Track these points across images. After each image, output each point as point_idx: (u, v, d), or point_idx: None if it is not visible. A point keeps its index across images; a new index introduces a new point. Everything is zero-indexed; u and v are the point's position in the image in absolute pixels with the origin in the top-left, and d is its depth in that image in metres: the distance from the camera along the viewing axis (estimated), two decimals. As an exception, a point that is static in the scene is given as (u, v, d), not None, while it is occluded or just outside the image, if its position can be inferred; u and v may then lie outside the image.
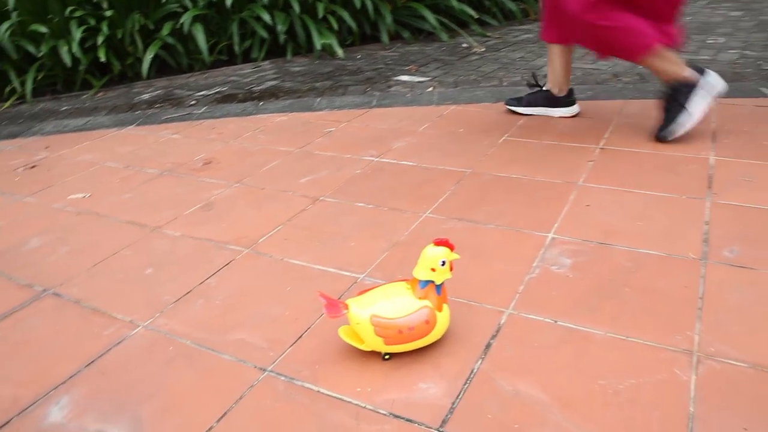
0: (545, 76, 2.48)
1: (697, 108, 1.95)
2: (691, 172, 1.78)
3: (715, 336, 1.11)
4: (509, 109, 2.48)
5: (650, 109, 2.35)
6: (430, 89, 2.99)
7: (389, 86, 3.14)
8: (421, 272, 1.10)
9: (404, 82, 3.21)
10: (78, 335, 1.28)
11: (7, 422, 1.06)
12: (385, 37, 4.22)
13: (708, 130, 2.08)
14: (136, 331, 1.28)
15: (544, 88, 2.42)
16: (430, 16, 4.19)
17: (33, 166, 2.40)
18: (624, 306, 1.21)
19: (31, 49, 3.58)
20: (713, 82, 1.95)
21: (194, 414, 1.03)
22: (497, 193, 1.76)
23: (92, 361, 1.19)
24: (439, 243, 1.10)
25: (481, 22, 4.58)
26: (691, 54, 3.27)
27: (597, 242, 1.44)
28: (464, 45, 4.06)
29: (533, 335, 1.15)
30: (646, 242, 1.42)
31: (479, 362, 1.09)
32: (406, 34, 4.34)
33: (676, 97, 1.98)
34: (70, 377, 1.16)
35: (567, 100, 2.39)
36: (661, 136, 2.01)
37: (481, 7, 4.72)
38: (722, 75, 2.13)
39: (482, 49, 3.88)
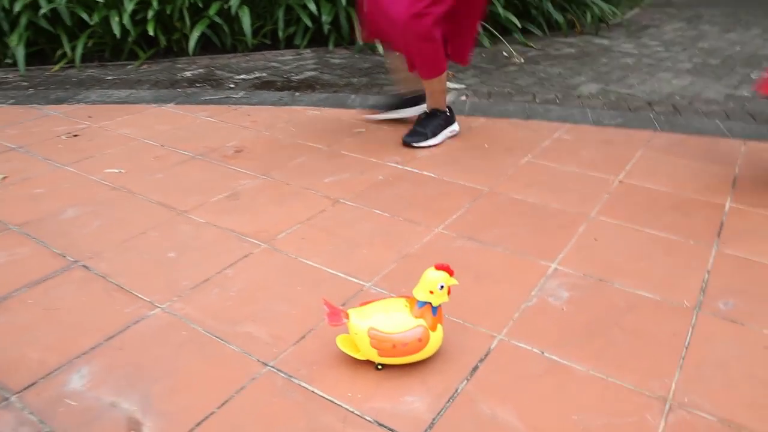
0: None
1: (440, 139, 2.39)
2: (704, 216, 1.82)
3: (692, 386, 1.16)
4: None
5: (678, 144, 2.37)
6: (463, 98, 3.04)
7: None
8: (420, 293, 1.18)
9: (439, 87, 3.25)
10: (102, 309, 1.39)
11: (33, 383, 1.17)
12: (426, 38, 4.26)
13: (731, 174, 2.10)
14: (154, 312, 1.38)
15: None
16: (474, 22, 4.21)
17: (75, 135, 2.52)
18: (611, 346, 1.27)
19: (84, 16, 3.71)
20: (457, 128, 2.47)
21: (199, 398, 1.13)
22: (510, 216, 1.82)
23: (112, 336, 1.30)
24: (440, 267, 1.17)
25: (525, 31, 4.59)
26: (731, 88, 3.26)
27: (597, 278, 1.50)
28: (505, 54, 4.08)
29: (519, 363, 1.22)
30: (644, 284, 1.48)
31: (464, 383, 1.17)
32: (448, 36, 4.37)
33: (431, 121, 2.38)
34: (92, 349, 1.26)
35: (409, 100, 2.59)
36: (406, 140, 2.36)
37: (527, 16, 4.72)
38: (758, 116, 2.15)
39: (521, 61, 3.90)
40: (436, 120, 2.39)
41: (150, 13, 3.71)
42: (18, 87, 3.31)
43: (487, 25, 4.36)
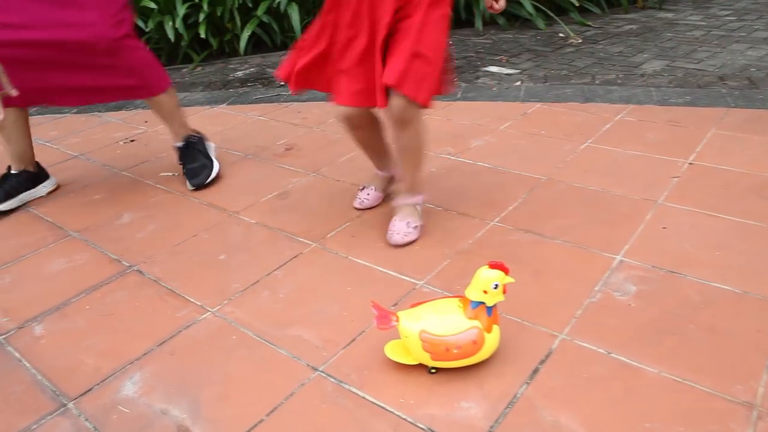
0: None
1: (215, 158, 2.12)
2: (787, 198, 1.66)
3: (781, 389, 1.05)
4: None
5: (755, 121, 2.19)
6: (518, 83, 2.93)
7: (477, 77, 3.10)
8: (473, 293, 1.11)
9: (492, 73, 3.15)
10: (154, 314, 1.39)
11: (89, 390, 1.18)
12: (479, 23, 4.14)
13: (815, 151, 1.92)
14: (204, 316, 1.37)
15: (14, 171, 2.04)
16: (528, 3, 4.06)
17: (132, 140, 2.58)
18: (685, 345, 1.16)
19: (140, 23, 3.80)
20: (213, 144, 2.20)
21: (247, 405, 1.11)
22: (570, 206, 1.72)
23: (164, 341, 1.30)
24: (494, 266, 1.10)
25: (582, 10, 4.39)
26: (811, 57, 3.00)
27: (667, 270, 1.39)
28: (561, 35, 3.91)
29: (584, 365, 1.13)
30: (721, 276, 1.35)
31: (524, 387, 1.09)
32: (501, 21, 4.23)
33: (196, 149, 2.08)
34: (144, 354, 1.26)
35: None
36: (195, 184, 2.01)
37: (586, -6, 4.52)
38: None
39: (579, 41, 3.73)
40: (198, 145, 2.09)
41: (201, 16, 3.76)
42: (80, 96, 3.42)
43: (541, 6, 4.19)
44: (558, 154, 2.06)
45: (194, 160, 2.05)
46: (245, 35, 3.83)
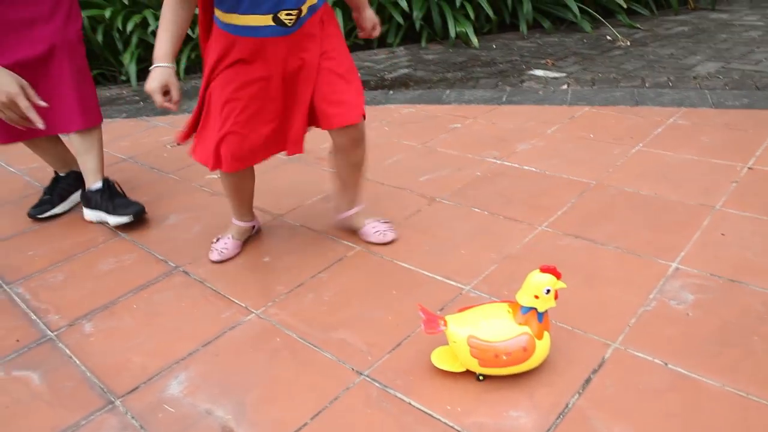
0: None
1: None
2: None
3: None
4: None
5: (816, 125, 2.09)
6: (564, 87, 2.87)
7: (522, 81, 3.05)
8: (524, 298, 1.08)
9: (538, 77, 3.10)
10: (200, 315, 1.40)
11: (136, 388, 1.19)
12: (523, 27, 4.09)
13: None
14: (249, 318, 1.37)
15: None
16: (573, 5, 3.98)
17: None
18: (749, 357, 1.10)
19: (188, 30, 3.87)
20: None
21: (292, 408, 1.10)
22: (621, 211, 1.66)
23: (209, 342, 1.30)
24: (546, 270, 1.07)
25: (630, 12, 4.29)
26: None
27: (727, 279, 1.32)
28: (608, 37, 3.83)
29: (639, 376, 1.08)
30: (786, 285, 1.29)
31: (576, 397, 1.05)
32: (546, 24, 4.17)
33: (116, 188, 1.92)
34: (189, 354, 1.27)
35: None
36: (134, 211, 1.83)
37: (632, -5, 4.41)
38: None
39: (627, 43, 3.64)
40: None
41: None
42: (130, 101, 3.51)
43: (587, 8, 4.11)
44: (608, 158, 2.00)
45: (122, 196, 1.91)
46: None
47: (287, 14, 1.29)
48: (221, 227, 1.81)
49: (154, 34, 3.86)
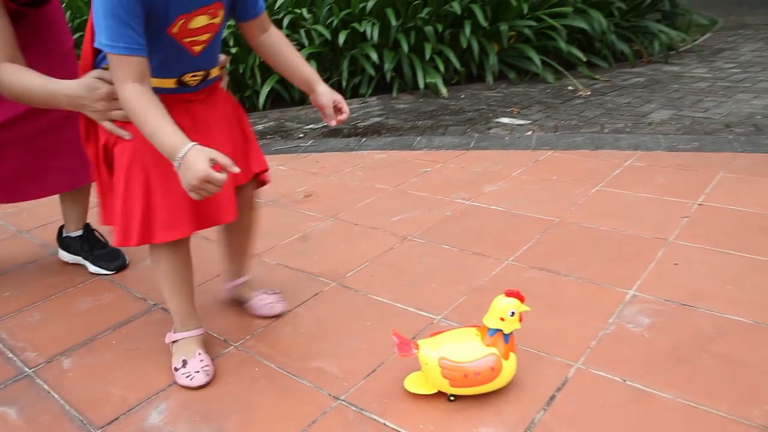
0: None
1: None
2: (797, 235, 1.69)
3: (797, 415, 1.06)
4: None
5: (763, 164, 2.25)
6: (529, 133, 3.01)
7: (489, 128, 3.20)
8: (490, 320, 1.15)
9: (504, 124, 3.25)
10: (179, 348, 1.43)
11: (116, 419, 1.21)
12: (489, 78, 4.29)
13: (823, 191, 1.96)
14: (227, 350, 1.41)
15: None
16: (536, 58, 4.20)
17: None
18: (700, 372, 1.18)
19: (165, 81, 3.97)
20: None
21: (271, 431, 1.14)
22: (582, 245, 1.76)
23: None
24: (510, 294, 1.14)
25: (589, 64, 4.53)
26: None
27: (680, 303, 1.42)
28: (570, 87, 4.04)
29: (599, 392, 1.15)
30: (733, 308, 1.38)
31: (541, 413, 1.11)
32: (511, 75, 4.38)
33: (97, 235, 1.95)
34: (169, 386, 1.30)
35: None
36: (117, 266, 1.88)
37: (591, 49, 4.67)
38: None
39: (587, 93, 3.84)
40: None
41: (224, 74, 3.93)
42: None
43: (550, 61, 4.34)
44: (569, 198, 2.11)
45: (103, 245, 1.93)
46: (265, 91, 4.00)
47: (192, 76, 1.27)
48: (199, 267, 1.84)
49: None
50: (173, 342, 1.38)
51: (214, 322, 1.53)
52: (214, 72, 1.33)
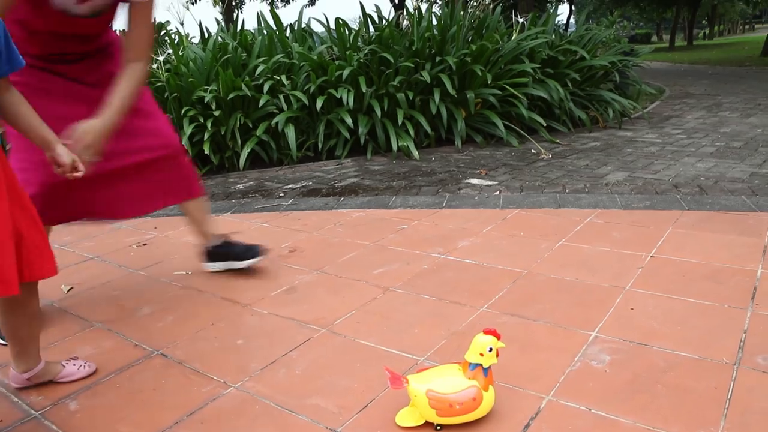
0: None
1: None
2: (737, 282, 1.91)
3: (737, 434, 1.22)
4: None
5: (707, 221, 2.49)
6: (497, 193, 3.24)
7: (459, 188, 3.42)
8: (471, 356, 1.30)
9: (473, 185, 3.48)
10: (182, 390, 1.54)
11: (125, 455, 1.30)
12: (458, 141, 4.56)
13: (760, 243, 2.19)
14: (228, 391, 1.52)
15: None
16: (500, 124, 4.51)
17: (144, 244, 2.78)
18: (654, 400, 1.34)
19: (148, 142, 4.12)
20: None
21: (274, 461, 1.24)
22: (549, 294, 1.94)
23: (192, 412, 1.44)
24: (488, 332, 1.30)
25: (550, 129, 4.86)
26: (755, 167, 3.38)
27: (636, 342, 1.59)
28: (533, 151, 4.32)
29: (569, 420, 1.30)
30: (682, 345, 1.56)
31: (518, 439, 1.25)
32: (478, 139, 4.67)
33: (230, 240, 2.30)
34: (175, 423, 1.40)
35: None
36: (256, 254, 2.26)
37: (551, 115, 5.02)
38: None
39: (549, 156, 4.13)
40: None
41: (206, 135, 4.11)
42: (90, 207, 3.65)
43: (513, 126, 4.65)
44: (536, 252, 2.31)
45: (236, 244, 2.28)
46: (245, 152, 4.18)
47: None
48: (194, 316, 1.96)
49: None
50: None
51: (213, 366, 1.64)
52: None
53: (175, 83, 4.23)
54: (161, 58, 4.55)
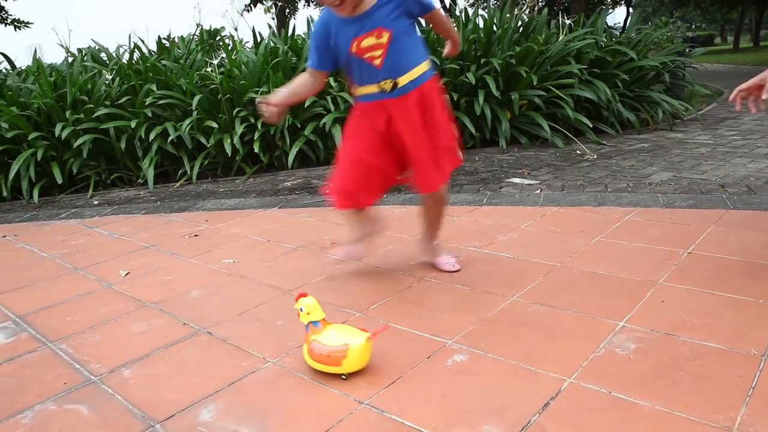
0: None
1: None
2: (775, 280, 1.88)
3: (759, 419, 1.24)
4: None
5: (752, 219, 2.45)
6: (538, 191, 3.26)
7: (501, 187, 3.45)
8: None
9: (515, 184, 3.50)
10: (224, 363, 1.65)
11: (172, 415, 1.42)
12: (503, 142, 4.58)
13: (803, 244, 2.16)
14: (266, 365, 1.62)
15: None
16: (545, 125, 4.50)
17: (196, 235, 2.94)
18: (676, 386, 1.37)
19: (202, 140, 4.32)
20: None
21: (304, 426, 1.33)
22: (580, 286, 1.96)
23: (233, 383, 1.54)
24: (298, 297, 1.56)
25: (597, 131, 4.82)
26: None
27: (663, 333, 1.61)
28: (578, 152, 4.30)
29: (587, 401, 1.34)
30: (710, 336, 1.57)
31: (536, 416, 1.30)
32: (523, 140, 4.67)
33: None
34: (217, 392, 1.51)
35: None
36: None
37: (599, 117, 4.98)
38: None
39: (594, 156, 4.10)
40: None
41: (256, 134, 4.27)
42: (147, 201, 3.87)
43: (559, 127, 4.64)
44: (571, 247, 2.33)
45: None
46: (293, 151, 4.32)
47: (383, 83, 1.88)
48: (239, 300, 2.08)
49: (173, 143, 4.30)
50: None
51: (254, 344, 1.75)
52: (402, 81, 1.87)
53: (228, 85, 4.42)
54: (215, 62, 4.76)
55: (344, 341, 1.49)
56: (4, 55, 5.74)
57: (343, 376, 1.51)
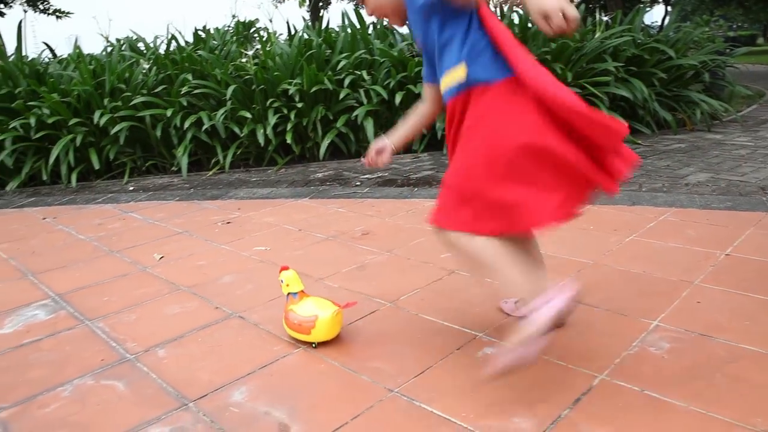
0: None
1: None
2: (816, 285, 1.84)
3: (796, 424, 1.21)
4: None
5: (788, 224, 2.39)
6: (570, 188, 3.22)
7: (532, 183, 3.41)
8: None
9: (547, 180, 3.46)
10: (255, 348, 1.67)
11: (205, 395, 1.45)
12: (535, 139, 4.53)
13: None
14: (297, 351, 1.64)
15: None
16: (581, 122, 4.44)
17: (228, 222, 2.98)
18: (712, 388, 1.34)
19: (236, 130, 4.37)
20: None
21: (334, 411, 1.35)
22: (613, 283, 1.94)
23: (264, 366, 1.57)
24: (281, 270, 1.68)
25: (632, 130, 4.74)
26: None
27: (698, 333, 1.58)
28: (612, 151, 4.24)
29: (619, 397, 1.33)
30: (748, 339, 1.53)
31: (567, 410, 1.29)
32: (556, 137, 4.61)
33: None
34: (248, 374, 1.53)
35: None
36: None
37: (634, 116, 4.89)
38: None
39: (629, 156, 4.03)
40: None
41: (288, 126, 4.31)
42: (181, 188, 3.93)
43: (593, 126, 4.57)
44: (605, 245, 2.30)
45: None
46: (325, 143, 4.34)
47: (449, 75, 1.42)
48: (270, 286, 2.11)
49: (207, 132, 4.37)
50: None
51: (283, 329, 1.77)
52: (448, 80, 1.41)
53: (262, 76, 4.45)
54: (250, 53, 4.80)
55: (314, 313, 1.60)
56: (47, 44, 5.90)
57: (314, 345, 1.63)
